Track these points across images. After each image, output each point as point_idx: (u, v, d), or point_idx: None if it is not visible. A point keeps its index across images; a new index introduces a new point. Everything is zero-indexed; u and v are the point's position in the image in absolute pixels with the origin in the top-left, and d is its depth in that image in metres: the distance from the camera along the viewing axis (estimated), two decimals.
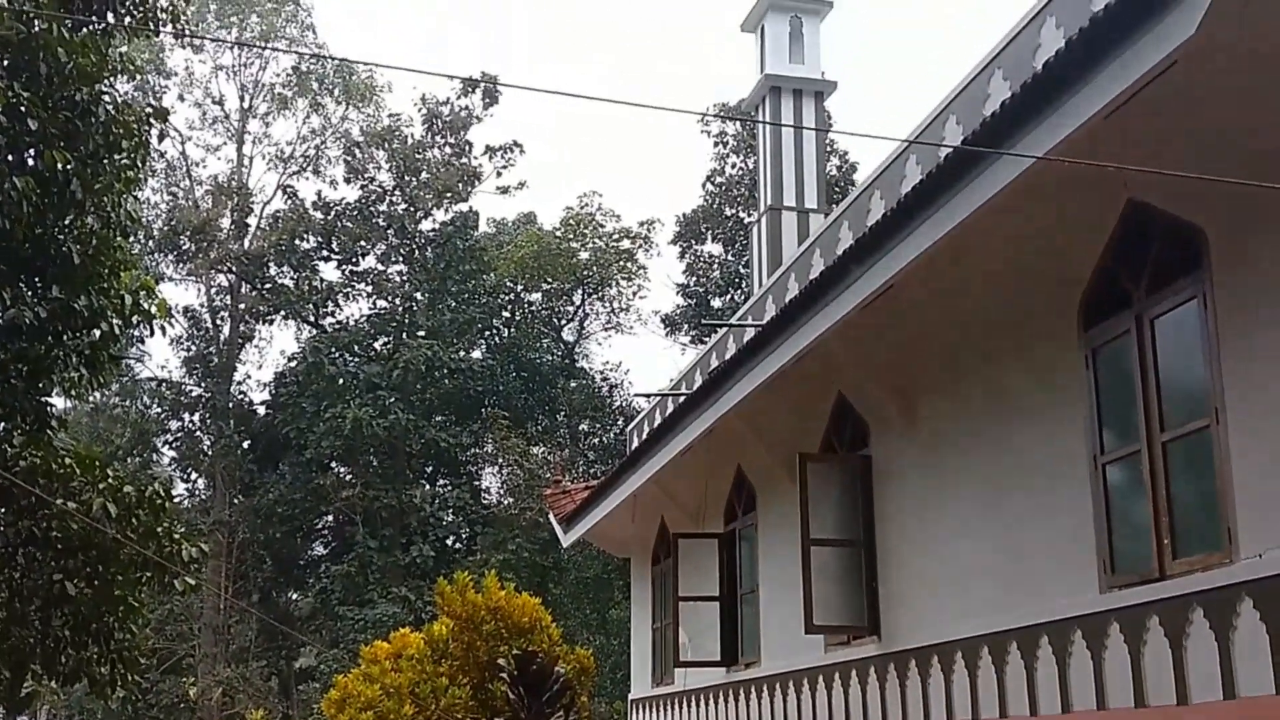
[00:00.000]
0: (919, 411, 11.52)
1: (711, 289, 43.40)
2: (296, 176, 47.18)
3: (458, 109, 45.68)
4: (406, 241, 45.22)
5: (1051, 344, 9.36)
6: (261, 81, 47.41)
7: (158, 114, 13.67)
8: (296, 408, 41.89)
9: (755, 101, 23.34)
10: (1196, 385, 7.95)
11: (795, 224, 21.47)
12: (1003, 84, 9.79)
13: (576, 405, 44.28)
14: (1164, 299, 8.27)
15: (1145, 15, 6.31)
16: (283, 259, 44.80)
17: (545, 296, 46.13)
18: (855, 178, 39.60)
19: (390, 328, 44.66)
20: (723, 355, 16.64)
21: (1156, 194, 8.04)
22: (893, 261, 9.23)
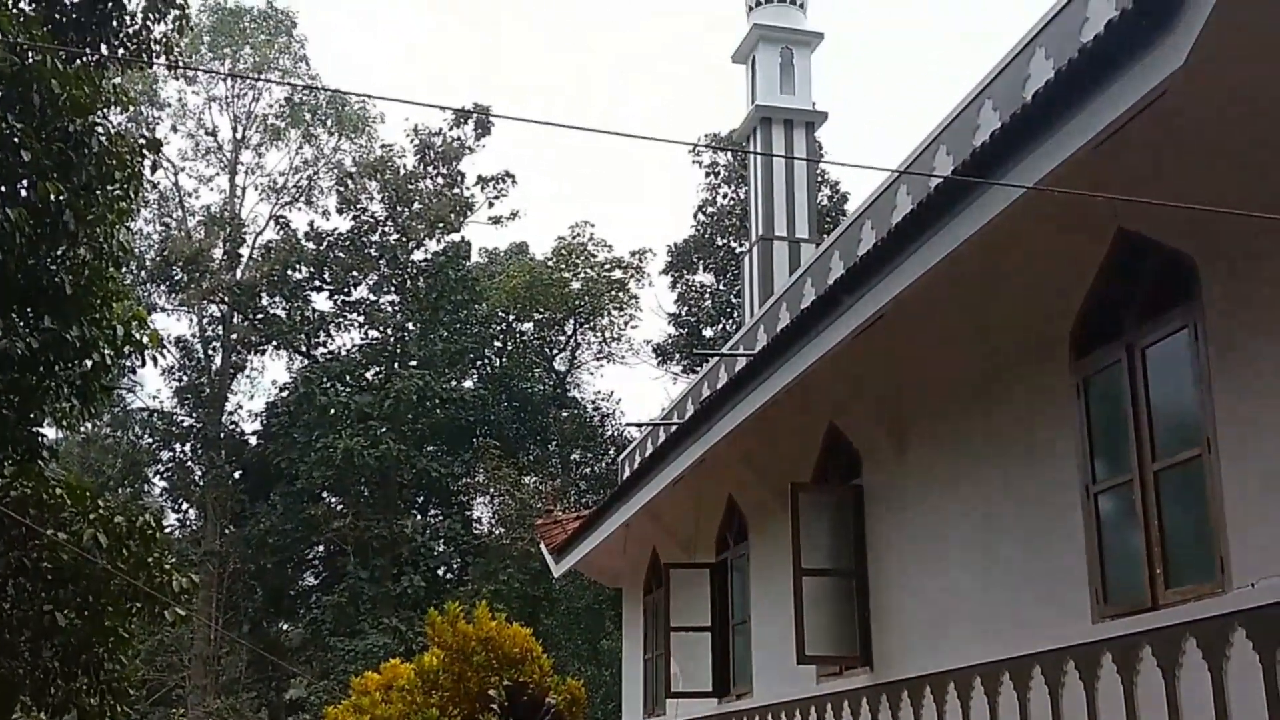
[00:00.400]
0: (911, 441, 11.50)
1: (703, 319, 43.43)
2: (289, 207, 47.27)
3: (450, 140, 45.78)
4: (399, 271, 45.23)
5: (1043, 373, 9.36)
6: (254, 113, 47.54)
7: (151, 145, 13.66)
8: (288, 438, 41.79)
9: (746, 132, 23.42)
10: (1188, 415, 7.95)
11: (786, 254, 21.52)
12: (993, 114, 9.82)
13: (568, 435, 44.21)
14: (1155, 328, 8.28)
15: (1134, 46, 6.33)
16: (275, 289, 44.78)
17: (537, 326, 46.12)
18: (846, 208, 39.72)
19: (382, 358, 44.62)
20: (714, 385, 16.62)
21: (1147, 223, 8.05)
22: (884, 291, 9.24)
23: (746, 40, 23.42)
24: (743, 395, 12.24)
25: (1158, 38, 6.16)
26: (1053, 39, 9.06)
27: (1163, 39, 6.13)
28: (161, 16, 13.48)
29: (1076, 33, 8.54)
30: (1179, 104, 6.59)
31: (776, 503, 13.70)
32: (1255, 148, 7.20)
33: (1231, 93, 6.80)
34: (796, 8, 23.64)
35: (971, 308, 10.14)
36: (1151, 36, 6.19)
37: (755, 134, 22.81)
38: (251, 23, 46.84)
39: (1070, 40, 8.47)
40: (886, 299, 9.23)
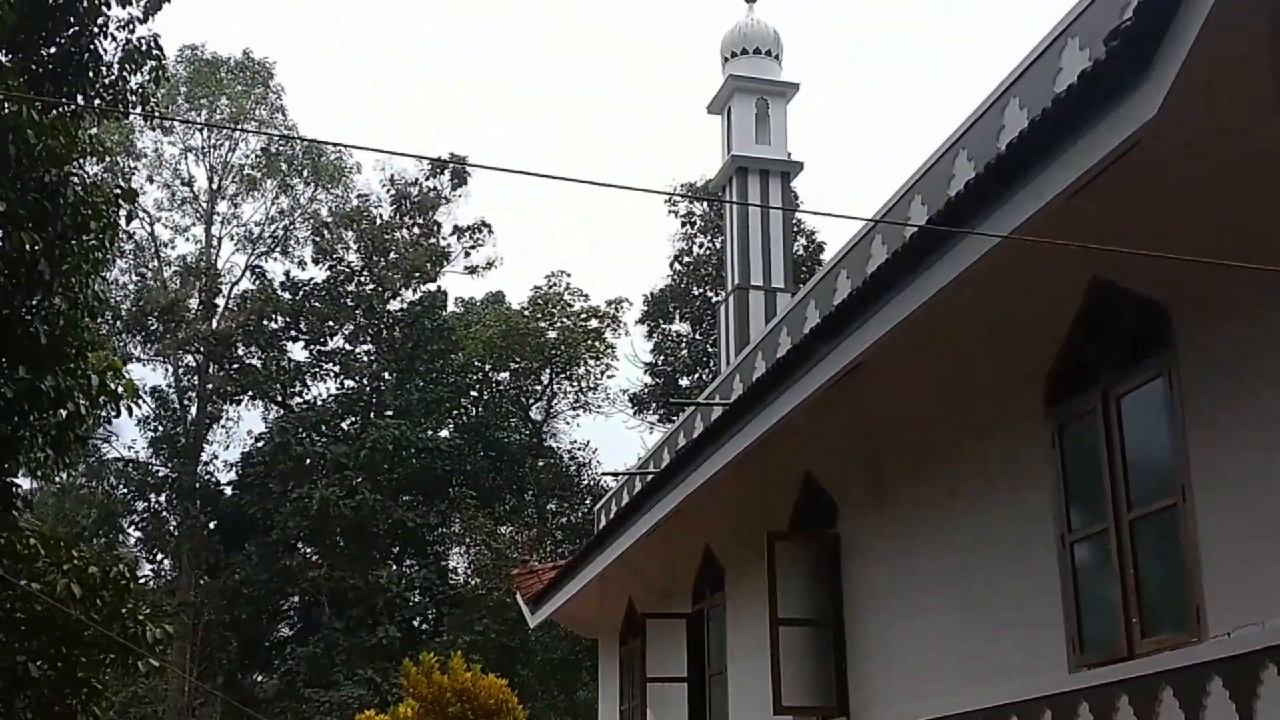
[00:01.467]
0: (887, 490, 11.48)
1: (679, 368, 43.44)
2: (265, 257, 47.19)
3: (426, 190, 45.86)
4: (374, 321, 45.17)
5: (1018, 422, 9.36)
6: (231, 163, 47.53)
7: (126, 195, 13.63)
8: (263, 488, 41.55)
9: (722, 182, 23.53)
10: (1163, 463, 7.94)
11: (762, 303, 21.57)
12: (967, 164, 9.88)
13: (544, 485, 44.07)
14: (1130, 377, 8.29)
15: (1107, 97, 6.37)
16: (250, 339, 44.65)
17: (513, 376, 46.05)
18: (822, 257, 39.86)
19: (358, 407, 44.47)
20: (690, 434, 16.59)
21: (1121, 272, 8.08)
22: (859, 340, 9.24)
23: (722, 91, 23.57)
24: (719, 444, 12.21)
25: (1131, 88, 6.20)
26: (1027, 89, 9.13)
27: (1136, 89, 6.17)
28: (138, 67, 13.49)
29: (1050, 83, 8.61)
30: (1152, 154, 6.63)
31: (753, 552, 13.63)
32: (1228, 196, 7.24)
33: (1204, 142, 6.85)
34: (772, 59, 23.82)
35: (947, 356, 10.15)
36: (1125, 87, 6.23)
37: (731, 184, 22.90)
38: (228, 73, 46.91)
39: (1044, 90, 8.53)
40: (862, 348, 9.23)
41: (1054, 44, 8.87)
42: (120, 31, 13.44)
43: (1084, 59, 8.22)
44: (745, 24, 24.10)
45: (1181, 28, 5.84)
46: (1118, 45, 6.17)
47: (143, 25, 13.45)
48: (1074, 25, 8.64)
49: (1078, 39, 8.56)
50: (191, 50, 46.56)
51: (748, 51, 23.67)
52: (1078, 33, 8.57)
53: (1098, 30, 7.70)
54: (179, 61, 45.53)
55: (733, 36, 23.98)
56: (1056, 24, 8.89)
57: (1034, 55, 9.16)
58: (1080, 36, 8.53)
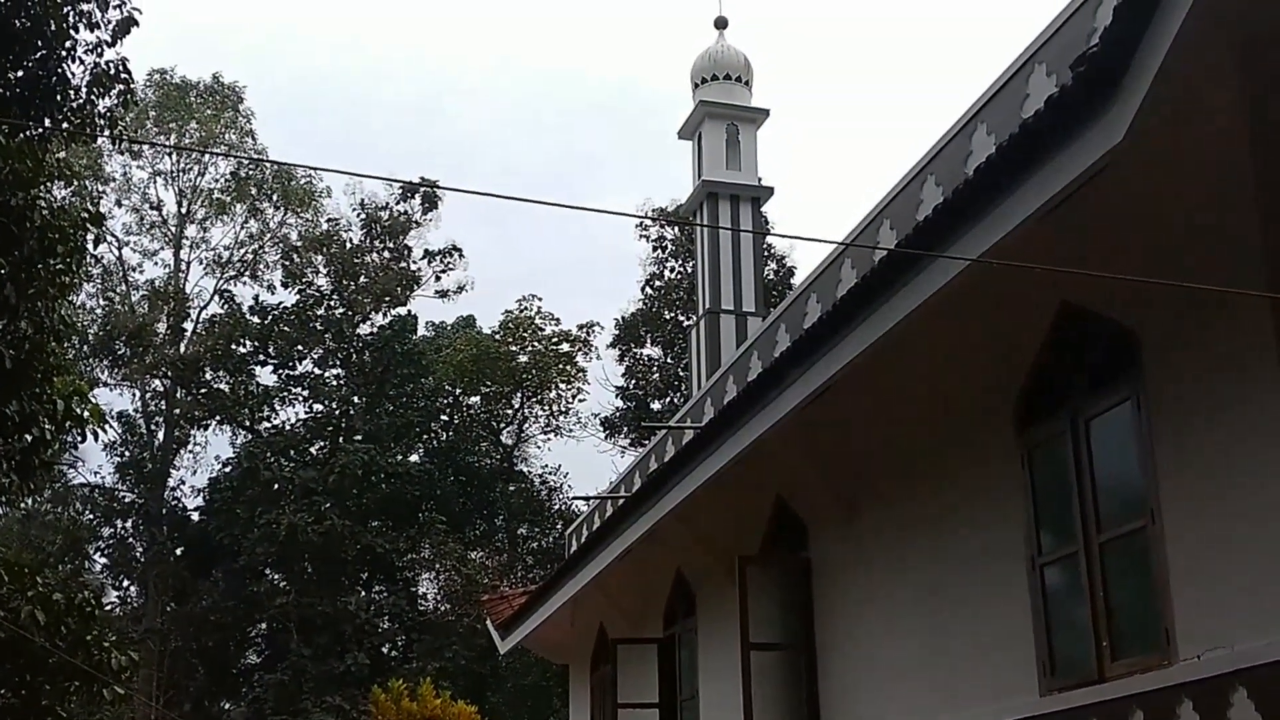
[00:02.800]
0: (857, 513, 11.49)
1: (651, 392, 43.43)
2: (234, 281, 46.98)
3: (397, 214, 45.79)
4: (344, 345, 45.02)
5: (988, 445, 9.39)
6: (200, 187, 47.34)
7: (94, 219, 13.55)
8: (231, 514, 41.27)
9: (693, 207, 23.59)
10: (1133, 486, 7.98)
11: (733, 327, 21.61)
12: (935, 190, 9.93)
13: (515, 509, 43.93)
14: (1099, 400, 8.33)
15: (1074, 122, 6.42)
16: (219, 364, 44.43)
17: (484, 400, 45.94)
18: (793, 281, 39.97)
19: (327, 432, 44.27)
20: (662, 458, 16.58)
21: (1090, 296, 8.13)
22: (830, 364, 9.27)
23: (693, 116, 23.65)
24: (690, 468, 12.21)
25: (1097, 113, 6.24)
26: (995, 115, 9.19)
27: (1102, 114, 6.21)
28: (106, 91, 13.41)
29: (1018, 109, 8.67)
30: (1119, 178, 6.68)
31: (724, 575, 13.62)
32: (1194, 220, 7.30)
33: (1172, 166, 6.90)
34: (742, 85, 23.92)
35: (917, 380, 10.18)
36: (1091, 112, 6.28)
37: (702, 209, 22.96)
38: (198, 97, 46.77)
39: (1012, 116, 8.59)
40: (832, 372, 9.26)
41: (1021, 70, 8.94)
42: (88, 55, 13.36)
43: (1051, 85, 8.29)
44: (716, 50, 24.21)
45: (1147, 53, 5.89)
46: (1084, 71, 6.22)
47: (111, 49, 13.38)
48: (1041, 51, 8.71)
49: (1044, 65, 8.62)
50: (161, 74, 46.42)
51: (718, 77, 23.77)
52: (1045, 59, 8.64)
53: (1064, 56, 7.77)
54: (148, 85, 45.38)
55: (703, 62, 24.08)
56: (1024, 50, 8.95)
57: (1001, 81, 9.23)
58: (1047, 63, 8.59)
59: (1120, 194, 7.12)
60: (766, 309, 21.33)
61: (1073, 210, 6.94)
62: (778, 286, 40.06)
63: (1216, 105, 6.41)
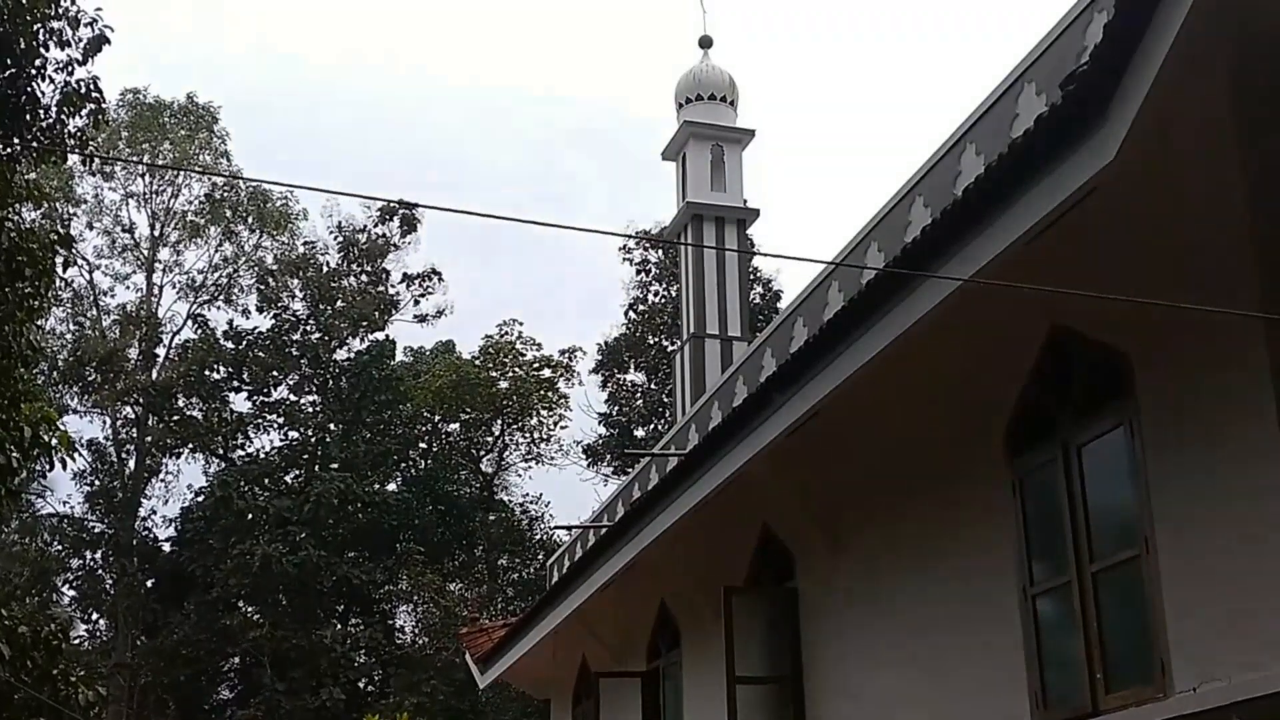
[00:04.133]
0: (845, 541, 11.47)
1: (634, 418, 43.38)
2: (207, 305, 46.85)
3: (375, 236, 45.75)
4: (320, 371, 44.91)
5: (978, 472, 9.38)
6: (173, 209, 47.24)
7: (63, 241, 13.51)
8: (203, 544, 41.06)
9: (677, 229, 23.60)
10: (1126, 514, 7.98)
11: (718, 352, 21.60)
12: (923, 211, 9.96)
13: (495, 539, 43.79)
14: (1090, 426, 8.33)
15: (1064, 142, 6.44)
16: (192, 390, 44.26)
17: (463, 427, 45.83)
18: (779, 305, 40.00)
19: (302, 460, 44.12)
20: (645, 486, 16.56)
21: (1080, 319, 8.14)
22: (816, 389, 9.26)
23: (677, 137, 23.69)
24: (674, 496, 12.19)
25: (1087, 133, 6.27)
26: (983, 135, 9.23)
27: (1092, 134, 6.24)
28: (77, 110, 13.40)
29: (1007, 129, 8.71)
30: (1111, 198, 6.70)
31: (709, 607, 13.59)
32: (1186, 241, 7.31)
33: (1163, 186, 6.92)
34: (727, 105, 23.98)
35: (906, 405, 10.18)
36: (1081, 131, 6.30)
37: (686, 231, 22.98)
38: (171, 117, 46.72)
39: (1001, 136, 8.63)
40: (819, 397, 9.25)
41: (1010, 89, 8.98)
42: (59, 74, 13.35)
43: (1040, 104, 8.32)
44: (700, 69, 24.28)
45: (1138, 72, 5.92)
46: (1074, 90, 6.24)
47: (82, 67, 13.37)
48: (1030, 70, 8.75)
49: (1034, 84, 8.67)
50: (133, 94, 46.38)
51: (703, 97, 23.83)
52: (1034, 78, 8.69)
53: (1054, 75, 7.81)
54: (120, 105, 45.30)
55: (687, 82, 24.14)
56: (1013, 69, 8.99)
57: (990, 101, 9.27)
58: (1036, 82, 8.64)
59: (1111, 215, 7.14)
60: (752, 333, 21.33)
61: (1063, 231, 6.96)
62: (764, 310, 40.08)
63: (1207, 124, 6.43)
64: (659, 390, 42.69)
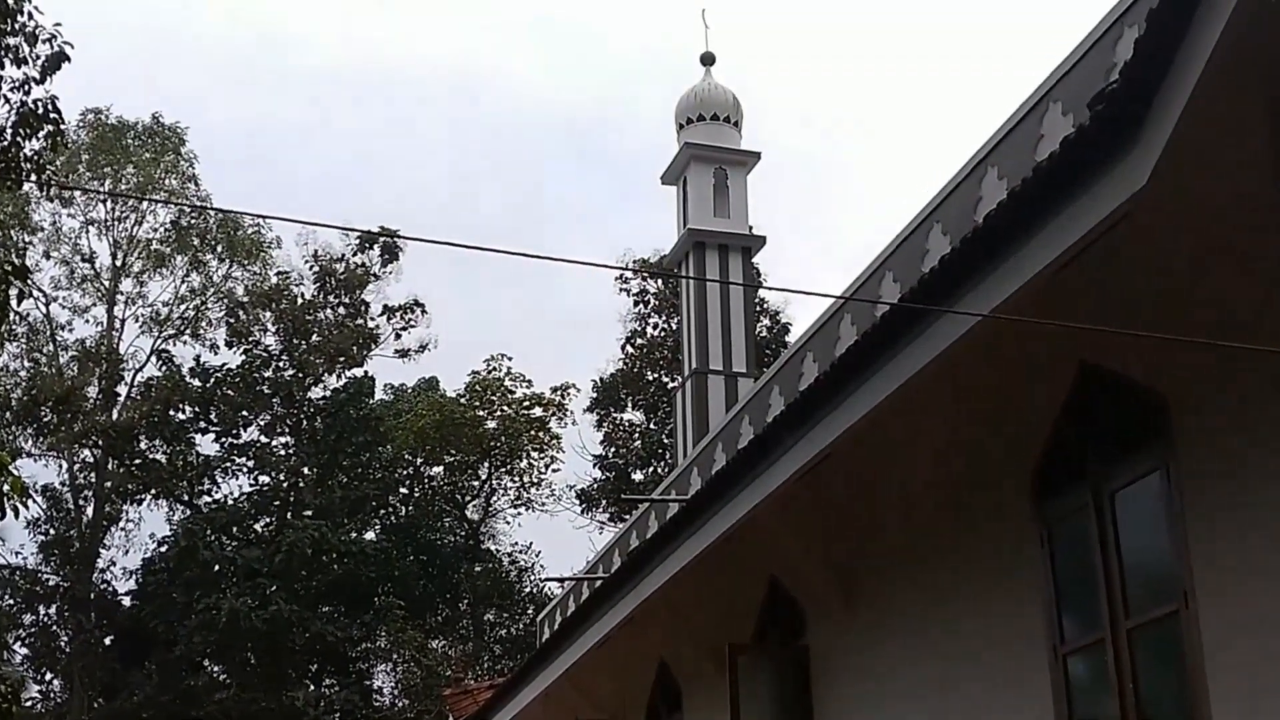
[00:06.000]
0: (860, 596, 11.44)
1: (632, 460, 43.37)
2: (173, 340, 46.87)
3: (353, 266, 45.83)
4: (294, 411, 44.90)
5: (1003, 520, 9.36)
6: (137, 237, 47.33)
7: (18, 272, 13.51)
8: (166, 598, 40.98)
9: (678, 257, 23.66)
10: (1164, 566, 7.95)
11: (722, 389, 21.62)
12: (942, 238, 9.97)
13: (481, 592, 43.69)
14: (1124, 471, 8.31)
15: (1093, 166, 6.44)
16: (155, 431, 44.24)
17: (448, 470, 45.80)
18: (787, 339, 40.05)
19: (273, 507, 44.07)
20: (644, 534, 16.53)
21: (1112, 356, 8.13)
22: (828, 429, 9.24)
23: (678, 160, 23.78)
24: (675, 545, 12.16)
25: (1118, 156, 6.26)
26: (1006, 157, 9.24)
27: (1124, 157, 6.23)
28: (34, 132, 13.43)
29: (1031, 150, 8.72)
30: (1143, 226, 6.70)
31: (713, 666, 13.54)
32: (1227, 272, 7.30)
33: (1199, 213, 6.92)
34: (730, 126, 24.08)
35: (924, 448, 10.16)
36: (1112, 154, 6.30)
37: (688, 259, 23.03)
38: (135, 139, 46.88)
39: (1025, 159, 8.64)
40: (831, 438, 9.23)
41: (1035, 109, 9.00)
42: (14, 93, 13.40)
43: (1067, 125, 8.34)
44: (702, 88, 24.39)
45: (1173, 89, 5.92)
46: (1103, 109, 6.25)
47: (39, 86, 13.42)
48: (1056, 88, 8.78)
49: (1060, 103, 8.69)
50: (95, 114, 46.54)
51: (705, 118, 23.94)
52: (1060, 96, 8.71)
53: (1082, 94, 7.82)
54: (81, 126, 45.48)
55: (688, 102, 24.25)
56: (1038, 87, 9.02)
57: (1013, 121, 9.29)
58: (1063, 101, 8.66)
59: (1144, 244, 7.14)
60: (759, 369, 21.33)
61: (1092, 262, 6.96)
62: (771, 345, 40.14)
63: (1248, 143, 6.43)
64: (658, 431, 42.68)
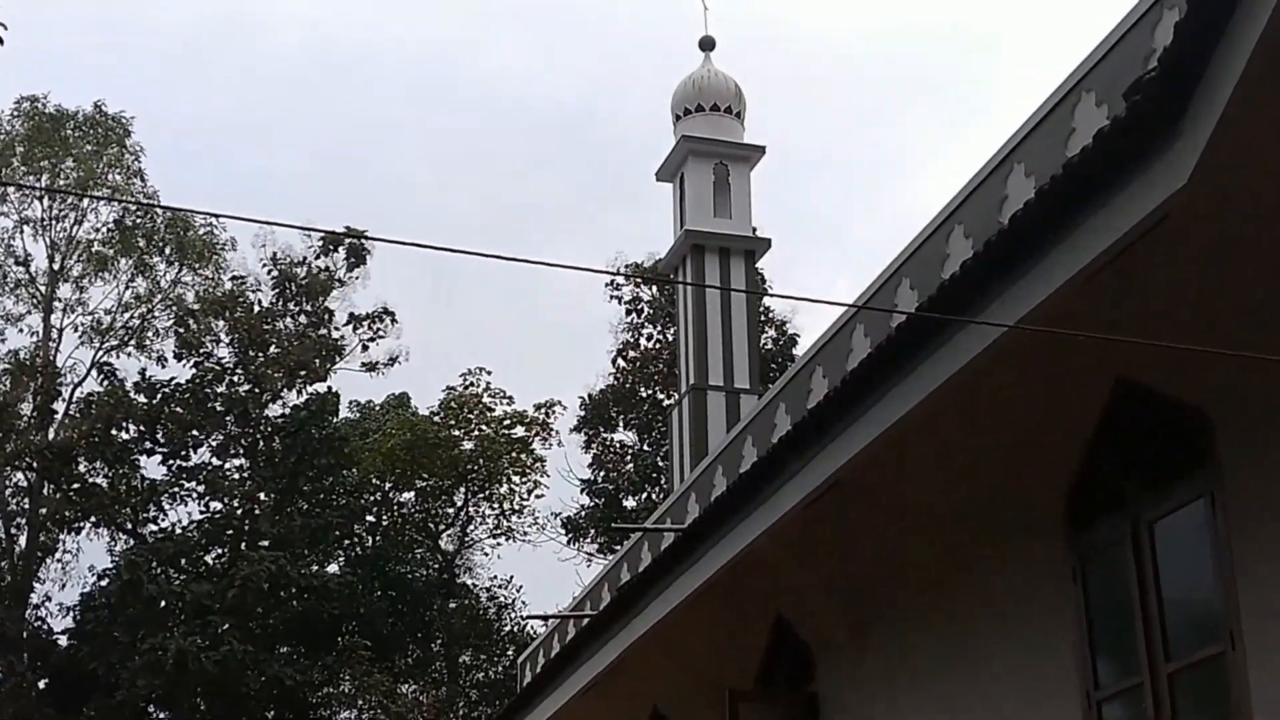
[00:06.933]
0: (874, 637, 11.45)
1: (623, 485, 43.37)
2: (116, 352, 46.81)
3: (316, 270, 45.81)
4: (249, 430, 44.83)
5: (1032, 552, 9.37)
6: (76, 238, 47.31)
7: None
8: (107, 637, 40.89)
9: (674, 262, 23.65)
10: (1207, 604, 7.97)
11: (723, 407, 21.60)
12: (964, 242, 9.99)
13: (456, 631, 43.65)
14: (1164, 498, 8.33)
15: (1129, 162, 6.47)
16: (95, 453, 44.15)
17: (420, 496, 45.77)
18: (795, 352, 40.09)
19: (226, 536, 43.98)
20: (636, 567, 16.53)
21: (1151, 371, 8.14)
22: (839, 451, 9.26)
23: (674, 154, 23.77)
24: (670, 580, 12.17)
25: (1157, 151, 6.29)
26: (1034, 153, 9.27)
27: (1163, 152, 6.26)
28: None
29: (1062, 146, 8.74)
30: (1184, 228, 6.71)
31: (713, 715, 13.54)
32: (1271, 281, 7.32)
33: (1245, 214, 6.94)
34: (732, 117, 24.06)
35: (945, 472, 10.17)
36: (1150, 149, 6.32)
37: (685, 264, 23.03)
38: (75, 130, 46.87)
39: (1055, 154, 8.66)
40: (843, 460, 9.25)
41: (1065, 99, 9.03)
42: None
43: (1101, 117, 8.36)
44: (701, 76, 24.38)
45: (1217, 77, 5.94)
46: (1141, 100, 6.27)
47: None
48: (1089, 77, 8.80)
49: (1093, 93, 8.71)
50: (31, 103, 46.53)
51: (704, 108, 23.92)
52: (1093, 86, 8.73)
53: (1117, 83, 7.84)
54: (15, 116, 45.50)
55: (686, 91, 24.22)
56: (1069, 75, 9.04)
57: (1042, 113, 9.32)
58: (1097, 90, 8.68)
59: (1186, 247, 7.15)
60: (763, 385, 21.34)
61: (1128, 267, 6.97)
62: (777, 358, 40.17)
63: None
64: (652, 452, 42.68)
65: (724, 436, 17.18)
